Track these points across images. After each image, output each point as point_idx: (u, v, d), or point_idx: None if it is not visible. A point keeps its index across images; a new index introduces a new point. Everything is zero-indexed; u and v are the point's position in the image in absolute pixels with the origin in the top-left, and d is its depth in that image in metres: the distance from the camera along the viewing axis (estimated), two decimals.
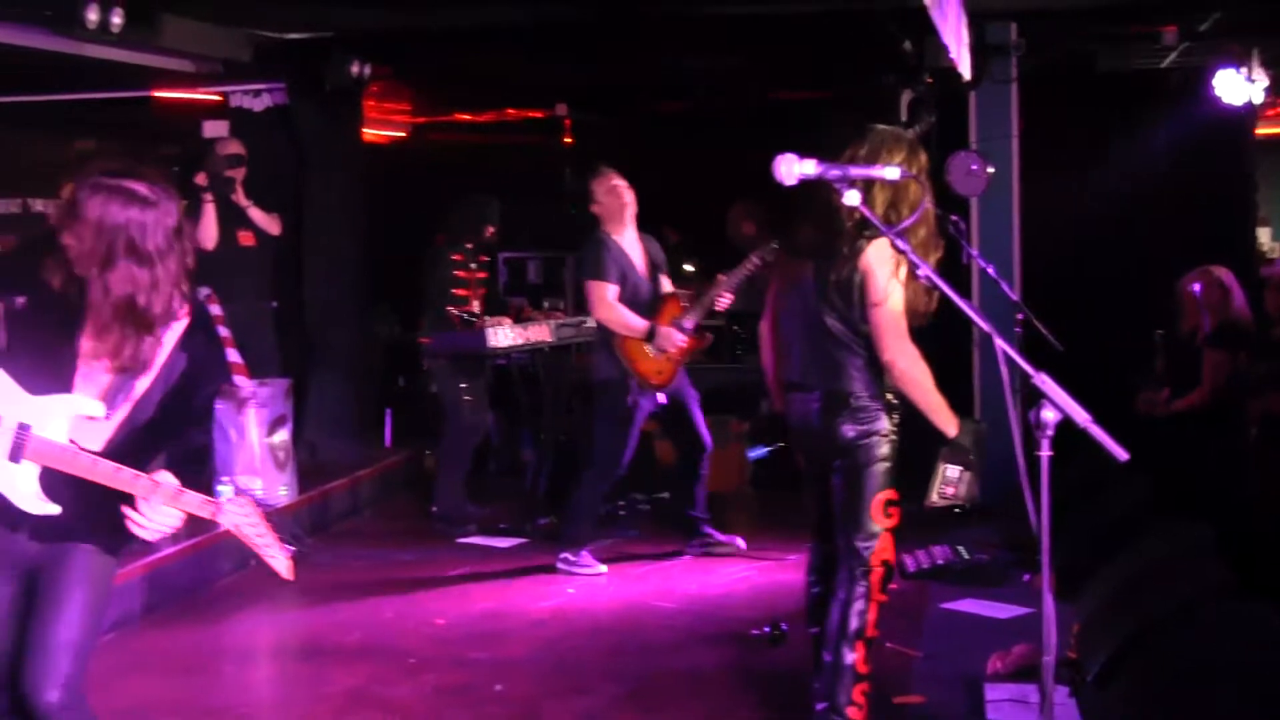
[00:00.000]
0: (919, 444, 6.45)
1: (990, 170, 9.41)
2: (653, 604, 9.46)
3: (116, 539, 4.87)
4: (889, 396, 6.43)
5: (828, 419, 6.50)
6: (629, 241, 10.36)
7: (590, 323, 11.04)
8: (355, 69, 12.31)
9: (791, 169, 4.46)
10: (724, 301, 10.29)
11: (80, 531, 4.80)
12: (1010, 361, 4.33)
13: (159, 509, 4.60)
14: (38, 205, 12.90)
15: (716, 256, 11.80)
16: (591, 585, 9.96)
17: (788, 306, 6.87)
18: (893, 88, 11.53)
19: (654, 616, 9.21)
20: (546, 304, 13.90)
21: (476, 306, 11.70)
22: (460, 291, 11.68)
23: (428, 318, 11.76)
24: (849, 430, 6.42)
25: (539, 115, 16.05)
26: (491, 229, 12.08)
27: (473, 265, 11.86)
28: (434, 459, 12.78)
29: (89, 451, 4.66)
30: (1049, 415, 3.83)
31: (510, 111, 16.33)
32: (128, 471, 4.59)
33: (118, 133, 13.15)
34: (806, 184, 4.66)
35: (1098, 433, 3.75)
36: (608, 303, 10.08)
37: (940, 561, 9.88)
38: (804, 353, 6.71)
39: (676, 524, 10.89)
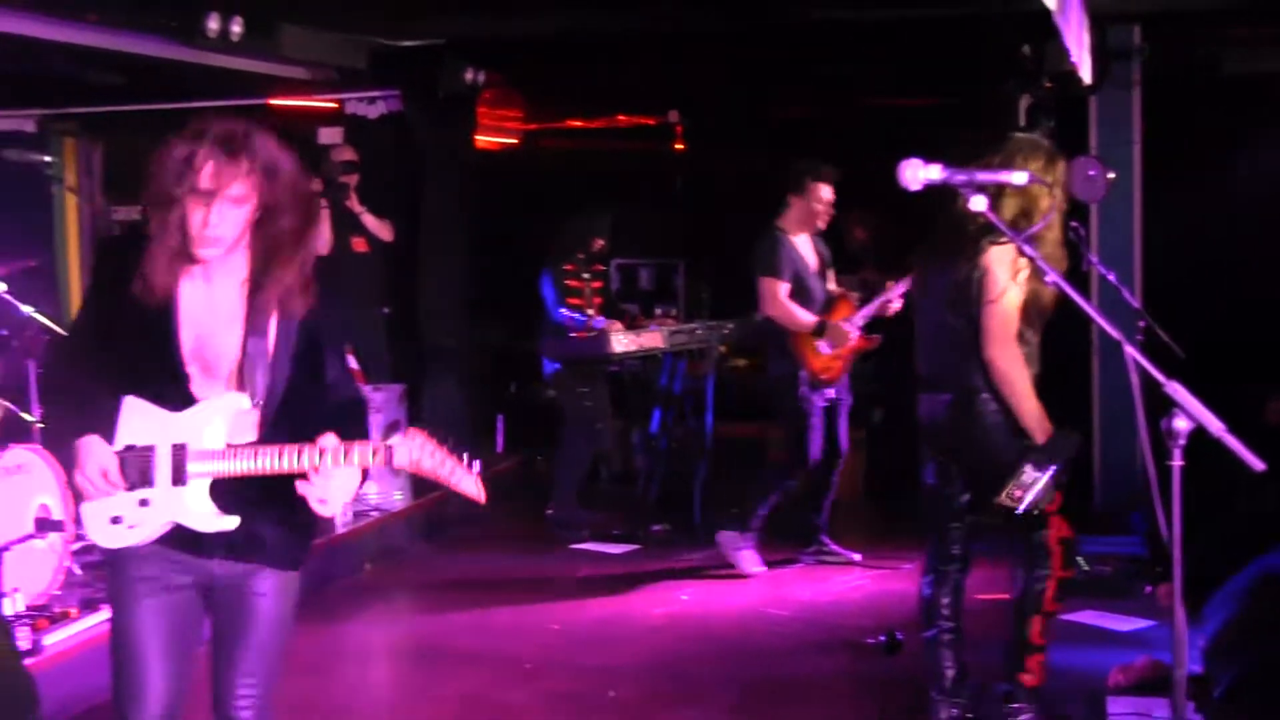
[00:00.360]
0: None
1: (1110, 176, 9.30)
2: (766, 611, 9.44)
3: (298, 548, 4.81)
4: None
5: (955, 417, 6.72)
6: (802, 241, 10.43)
7: (701, 330, 11.07)
8: (469, 75, 12.35)
9: (916, 174, 4.41)
10: (895, 306, 10.25)
11: (263, 544, 4.64)
12: (1139, 369, 4.27)
13: (333, 475, 4.42)
14: None
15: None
16: (705, 592, 9.99)
17: (921, 309, 7.10)
18: (1011, 93, 11.41)
19: (767, 624, 9.20)
20: (659, 310, 13.82)
21: (592, 313, 11.70)
22: (575, 301, 11.68)
23: (543, 327, 11.78)
24: (975, 428, 6.62)
25: (651, 122, 16.02)
26: (601, 242, 12.10)
27: (585, 275, 11.86)
28: (547, 464, 12.77)
29: (247, 446, 4.49)
30: (1181, 424, 3.74)
31: (622, 118, 16.29)
32: (290, 449, 4.42)
33: None
34: (931, 191, 4.61)
35: (1233, 442, 3.68)
36: (779, 299, 10.16)
37: None
38: (932, 353, 6.90)
39: (794, 528, 10.83)
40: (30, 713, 5.51)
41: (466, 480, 4.52)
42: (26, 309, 9.24)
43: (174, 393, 4.50)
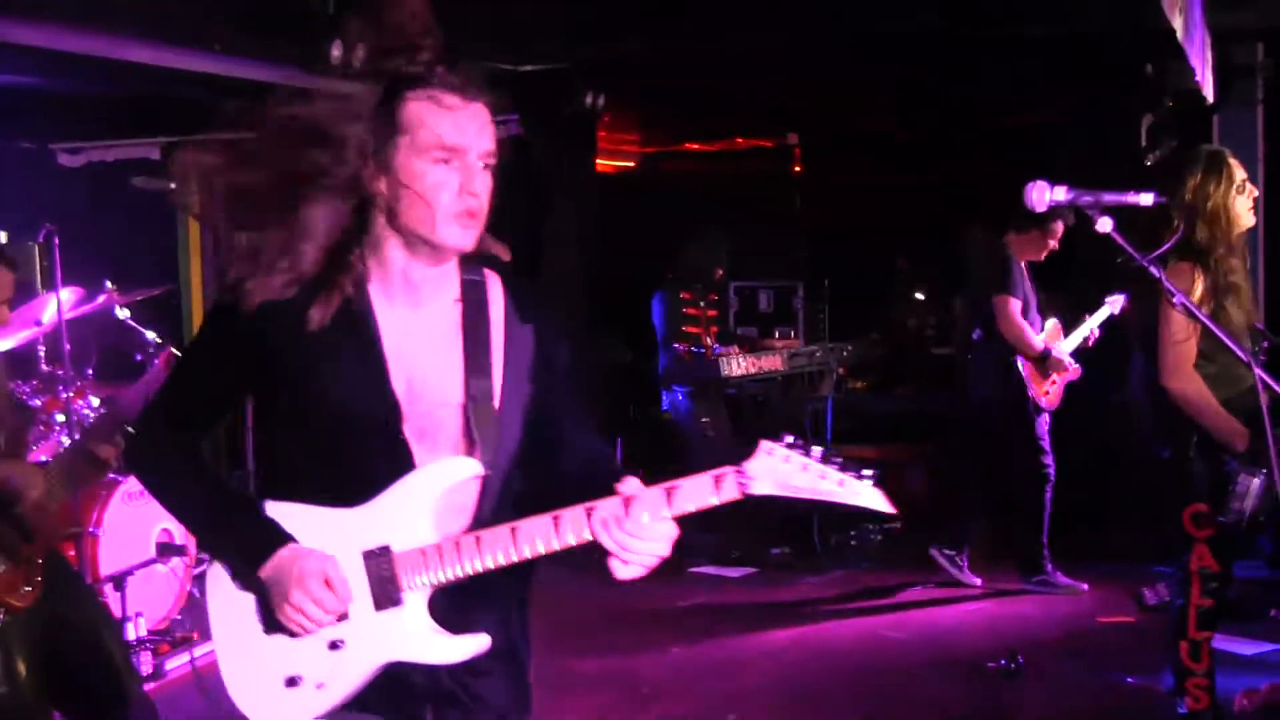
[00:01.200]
0: None
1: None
2: (887, 634, 9.41)
3: (525, 682, 3.51)
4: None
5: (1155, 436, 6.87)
6: (1026, 267, 10.26)
7: (820, 352, 11.00)
8: (588, 99, 12.38)
9: (1043, 195, 4.41)
10: (1096, 335, 10.26)
11: (490, 682, 3.37)
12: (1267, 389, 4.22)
13: (649, 531, 3.16)
14: None
15: (949, 282, 11.70)
16: (826, 614, 9.93)
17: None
18: (1133, 112, 11.32)
19: (889, 646, 9.16)
20: (778, 333, 13.79)
21: (709, 341, 11.72)
22: (691, 329, 11.72)
23: (662, 352, 11.81)
24: (1161, 447, 6.75)
25: (769, 144, 16.02)
26: (720, 270, 12.14)
27: (702, 303, 11.89)
28: None
29: (498, 530, 3.19)
30: None
31: (740, 140, 16.32)
32: (570, 514, 3.18)
33: None
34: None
35: None
36: (1014, 318, 9.93)
37: None
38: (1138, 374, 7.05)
39: (1013, 555, 10.62)
40: None
41: (864, 492, 3.13)
42: (151, 335, 9.35)
43: (377, 470, 3.22)
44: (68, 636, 5.38)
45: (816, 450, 3.11)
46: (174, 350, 7.35)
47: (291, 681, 3.15)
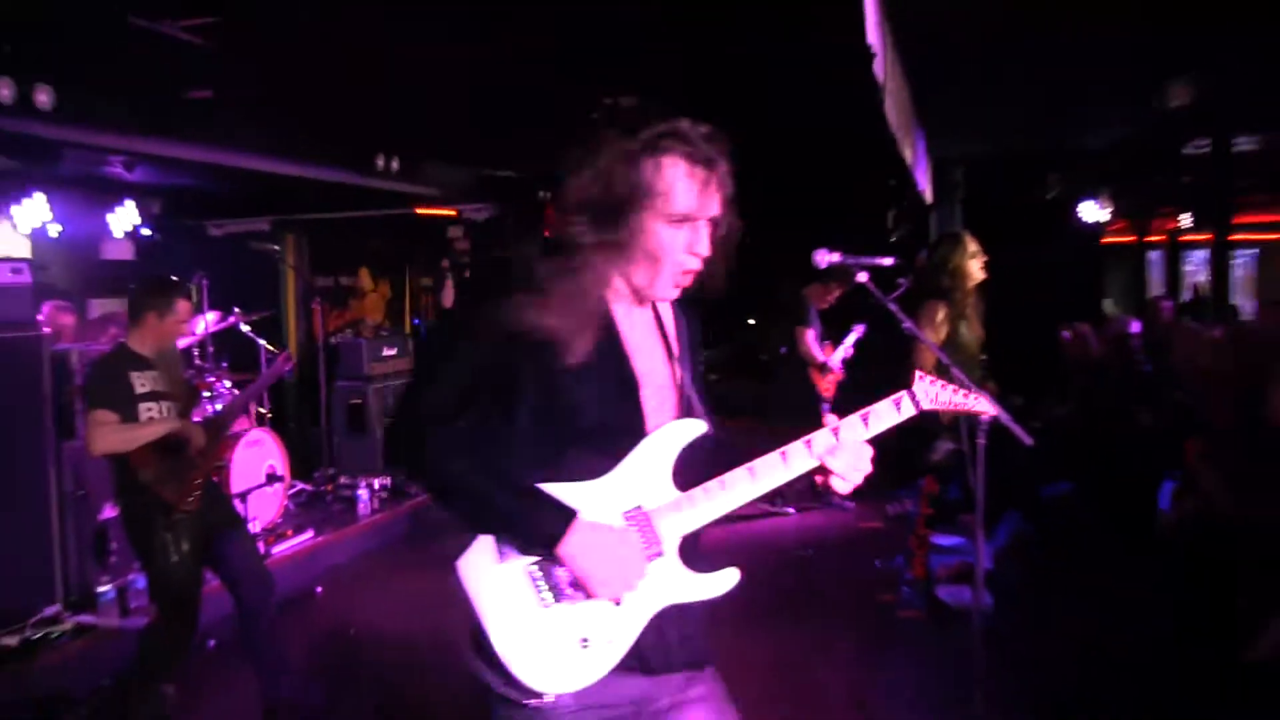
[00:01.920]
0: None
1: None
2: (732, 534, 9.42)
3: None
4: None
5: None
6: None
7: None
8: (541, 193, 12.50)
9: (825, 257, 4.52)
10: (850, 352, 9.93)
11: (704, 629, 2.68)
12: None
13: (854, 449, 2.59)
14: (344, 280, 13.24)
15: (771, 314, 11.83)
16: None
17: None
18: (882, 208, 11.54)
19: (738, 539, 9.21)
20: None
21: None
22: None
23: None
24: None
25: None
26: None
27: None
28: None
29: (728, 477, 2.58)
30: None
31: None
32: (794, 448, 2.59)
33: (393, 234, 13.37)
34: None
35: (1007, 421, 3.70)
36: (807, 342, 9.64)
37: None
38: None
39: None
40: (272, 593, 5.64)
41: (982, 402, 2.84)
42: (262, 342, 9.45)
43: (621, 447, 2.54)
44: (217, 528, 5.51)
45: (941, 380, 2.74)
46: (288, 353, 7.43)
47: (585, 642, 2.43)
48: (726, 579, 2.58)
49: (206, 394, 8.19)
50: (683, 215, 2.49)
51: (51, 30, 5.99)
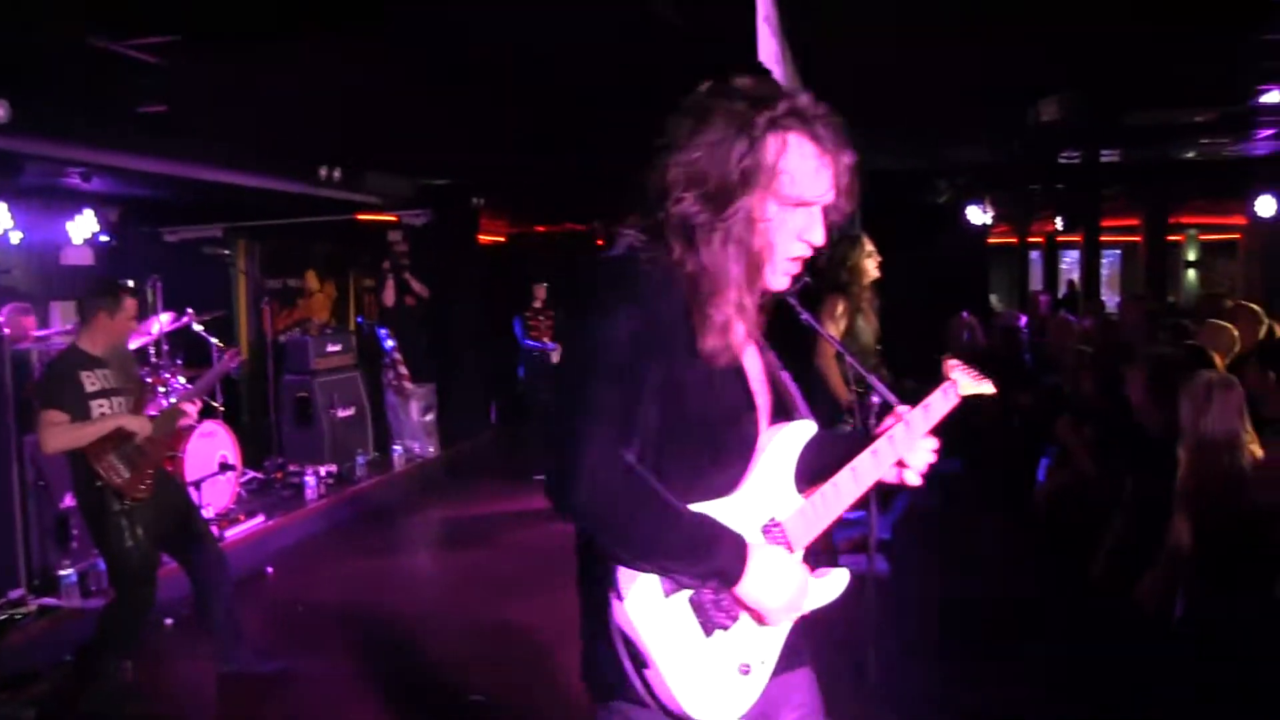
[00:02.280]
0: None
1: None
2: None
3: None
4: None
5: None
6: None
7: None
8: (474, 200, 12.49)
9: None
10: None
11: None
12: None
13: (920, 443, 2.33)
14: (292, 282, 13.12)
15: None
16: None
17: None
18: None
19: None
20: None
21: (546, 341, 11.85)
22: (535, 333, 11.83)
23: (519, 350, 11.93)
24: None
25: (583, 228, 16.12)
26: (541, 296, 12.26)
27: (540, 317, 12.02)
28: (525, 433, 12.80)
29: (838, 481, 2.24)
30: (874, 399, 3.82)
31: (567, 225, 16.39)
32: (878, 445, 2.28)
33: (337, 238, 13.26)
34: None
35: (881, 389, 3.74)
36: None
37: None
38: None
39: None
40: (226, 572, 5.60)
41: (989, 386, 2.57)
42: (215, 340, 9.33)
43: (744, 458, 2.18)
44: (169, 514, 5.45)
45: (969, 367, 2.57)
46: (235, 350, 7.34)
47: (745, 668, 2.11)
48: (840, 579, 2.28)
49: (161, 390, 8.06)
50: (801, 199, 2.07)
51: (10, 48, 5.87)
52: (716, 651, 2.08)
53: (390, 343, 11.16)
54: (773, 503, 2.18)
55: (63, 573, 6.50)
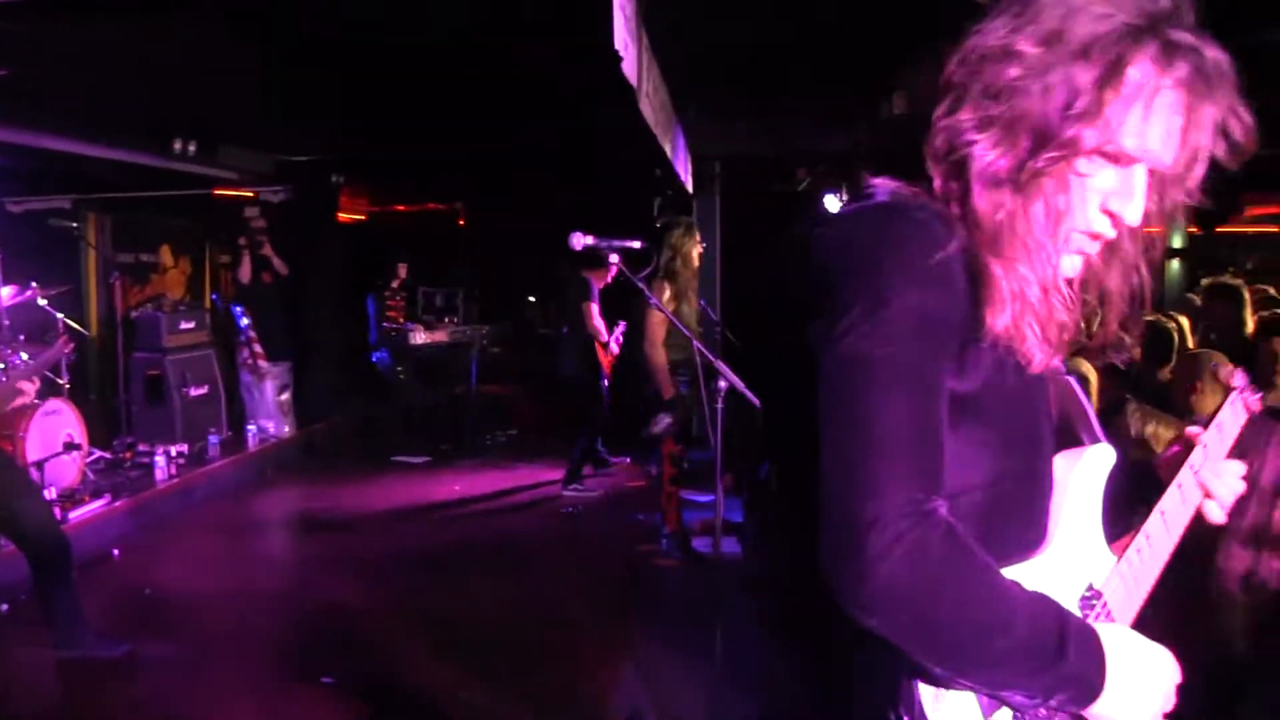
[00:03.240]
0: None
1: (703, 244, 9.54)
2: (516, 500, 9.48)
3: None
4: None
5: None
6: None
7: (469, 330, 11.02)
8: (334, 178, 12.29)
9: (579, 240, 4.59)
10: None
11: None
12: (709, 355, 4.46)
13: (1221, 478, 1.74)
14: (145, 257, 12.76)
15: (549, 296, 11.79)
16: (472, 484, 9.90)
17: None
18: (648, 196, 11.65)
19: (518, 505, 9.23)
20: (446, 319, 13.75)
21: (402, 321, 11.80)
22: (391, 314, 11.77)
23: (373, 329, 11.81)
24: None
25: (445, 207, 16.01)
26: (402, 275, 12.25)
27: (397, 298, 11.98)
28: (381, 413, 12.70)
29: (1139, 530, 1.64)
30: (723, 384, 3.90)
31: (429, 205, 16.26)
32: (1181, 478, 1.72)
33: (192, 213, 12.93)
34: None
35: (742, 389, 3.82)
36: (593, 318, 9.46)
37: None
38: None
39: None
40: (67, 553, 5.42)
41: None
42: (60, 315, 9.02)
43: (1044, 490, 1.56)
44: (10, 496, 5.25)
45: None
46: (67, 336, 7.12)
47: None
48: (1166, 658, 1.46)
49: (1, 366, 7.78)
50: (1127, 153, 1.40)
51: None
52: None
53: (245, 320, 10.92)
54: (1086, 563, 1.55)
55: None
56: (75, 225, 11.48)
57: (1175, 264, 14.14)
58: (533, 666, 5.51)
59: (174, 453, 9.35)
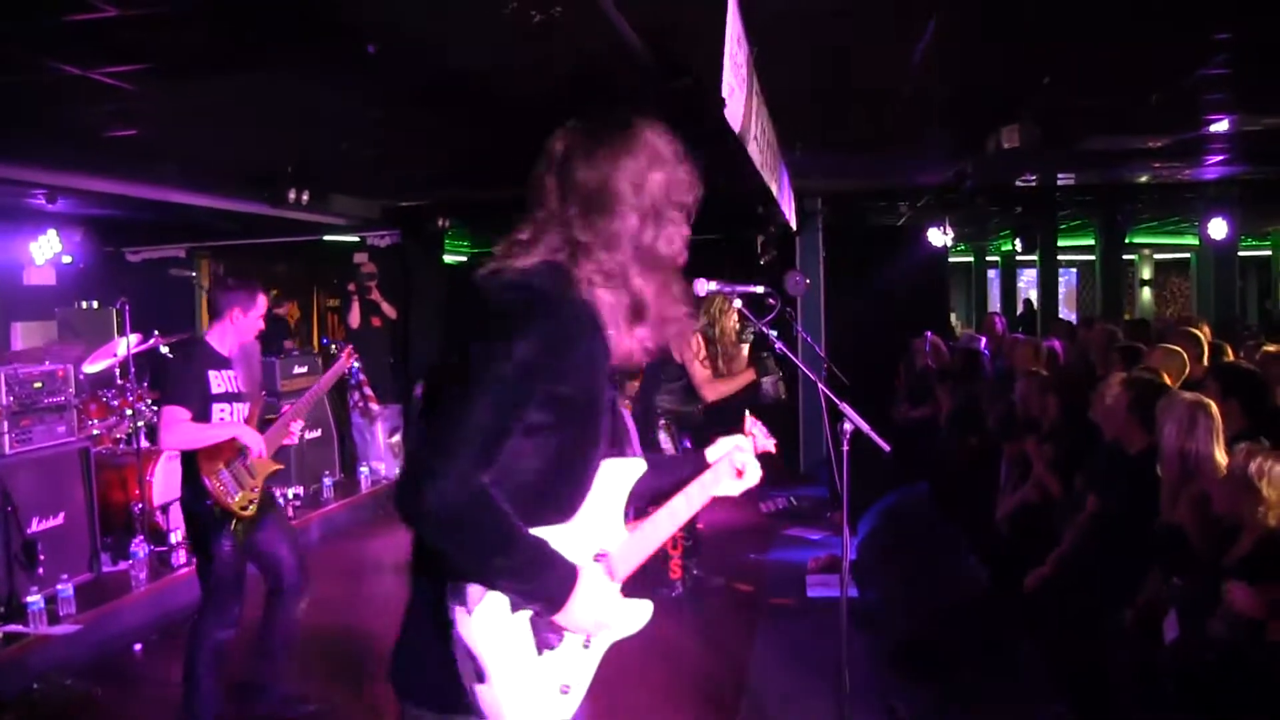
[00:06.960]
0: None
1: (808, 281, 9.55)
2: None
3: None
4: None
5: None
6: None
7: None
8: (440, 222, 12.47)
9: (704, 286, 4.58)
10: None
11: None
12: (824, 394, 4.44)
13: (727, 486, 2.59)
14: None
15: None
16: None
17: None
18: (753, 233, 11.64)
19: None
20: None
21: None
22: None
23: None
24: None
25: None
26: None
27: None
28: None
29: (655, 512, 2.43)
30: (847, 425, 3.86)
31: None
32: (715, 468, 2.57)
33: (301, 259, 13.22)
34: None
35: (870, 434, 3.78)
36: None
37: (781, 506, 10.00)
38: None
39: None
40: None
41: (769, 442, 2.74)
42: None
43: (586, 486, 2.25)
44: (265, 530, 5.31)
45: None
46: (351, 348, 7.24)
47: (565, 689, 2.18)
48: (645, 609, 2.33)
49: (128, 412, 8.03)
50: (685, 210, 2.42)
51: None
52: (544, 670, 2.16)
53: (356, 364, 11.10)
54: (603, 534, 2.28)
55: (29, 599, 6.42)
56: (192, 273, 11.83)
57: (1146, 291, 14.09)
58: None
59: (290, 494, 9.53)
